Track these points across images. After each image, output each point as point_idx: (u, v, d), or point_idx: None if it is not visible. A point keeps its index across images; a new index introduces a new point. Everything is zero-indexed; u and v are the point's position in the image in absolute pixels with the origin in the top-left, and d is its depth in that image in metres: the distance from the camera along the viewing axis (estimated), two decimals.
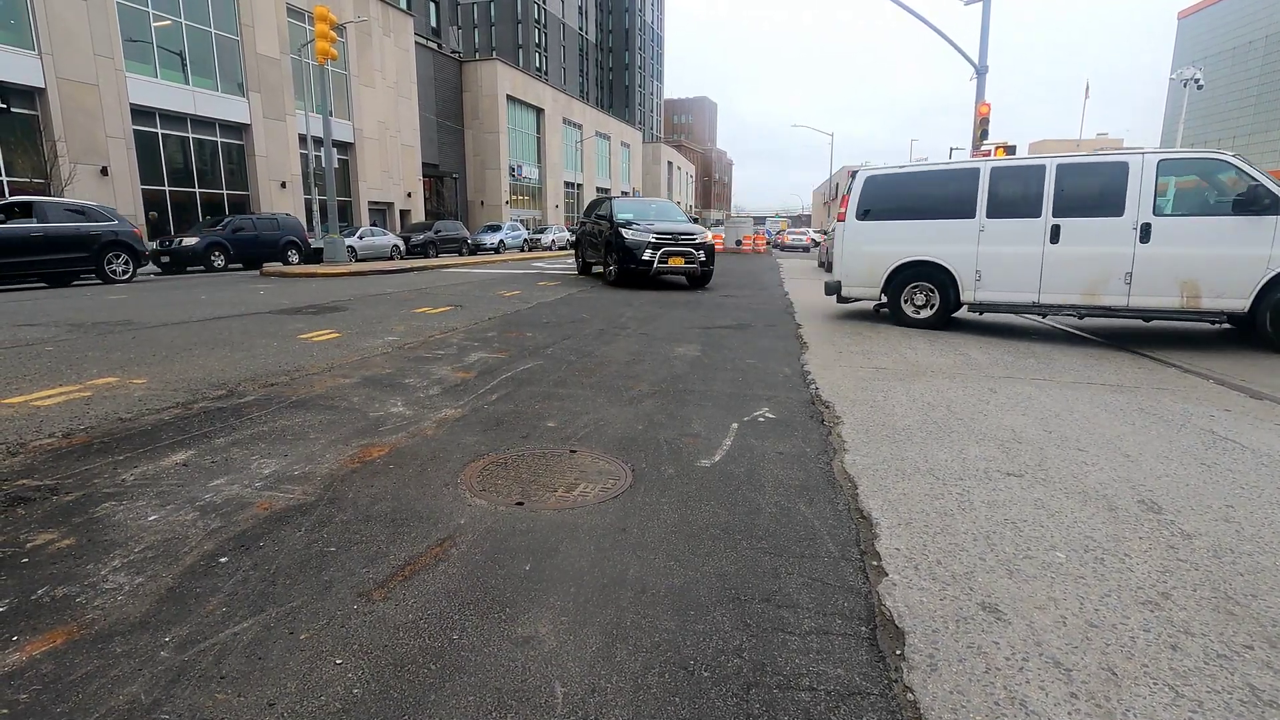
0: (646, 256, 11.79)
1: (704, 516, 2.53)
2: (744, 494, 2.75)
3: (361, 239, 24.59)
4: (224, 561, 2.14)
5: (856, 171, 8.02)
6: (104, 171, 21.41)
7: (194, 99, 24.71)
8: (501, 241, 33.29)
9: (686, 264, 11.91)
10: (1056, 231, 6.61)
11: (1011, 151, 16.66)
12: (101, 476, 2.83)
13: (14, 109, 18.87)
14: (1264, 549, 2.28)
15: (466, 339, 6.48)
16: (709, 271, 12.36)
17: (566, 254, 29.19)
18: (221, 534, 2.33)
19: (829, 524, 2.47)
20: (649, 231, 11.94)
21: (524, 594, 1.98)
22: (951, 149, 34.00)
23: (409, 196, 37.41)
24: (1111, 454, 3.26)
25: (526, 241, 36.30)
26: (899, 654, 1.70)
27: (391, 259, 24.74)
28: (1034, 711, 1.50)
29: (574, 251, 16.94)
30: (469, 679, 1.60)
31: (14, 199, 13.10)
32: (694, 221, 13.88)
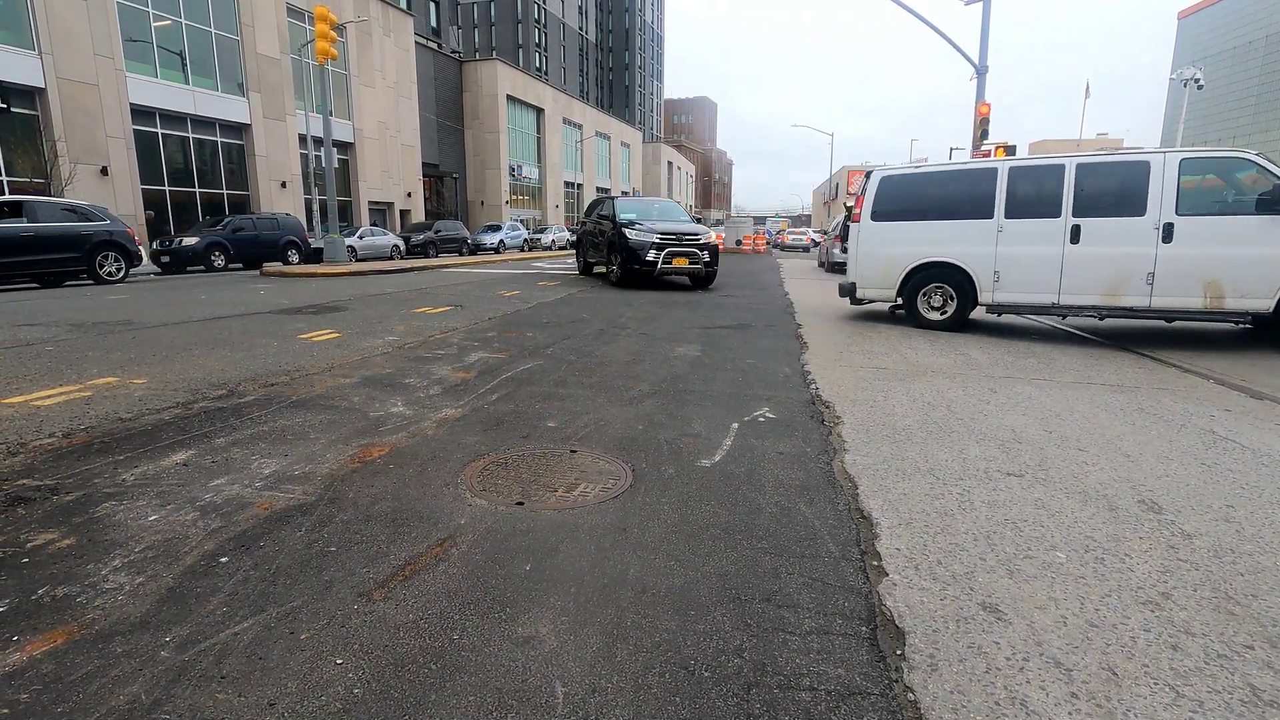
0: (650, 257, 11.64)
1: (704, 516, 2.53)
2: (744, 494, 2.75)
3: (361, 239, 24.61)
4: (224, 561, 2.14)
5: (871, 172, 7.90)
6: (104, 171, 21.41)
7: (194, 99, 24.71)
8: (501, 241, 33.30)
9: (691, 265, 11.78)
10: (1077, 232, 6.55)
11: (1011, 151, 16.66)
12: (102, 476, 2.84)
13: (14, 109, 18.85)
14: (1264, 549, 2.29)
15: (467, 339, 6.49)
16: (713, 272, 12.22)
17: (566, 254, 29.21)
18: (222, 534, 2.33)
19: (829, 524, 2.47)
20: (652, 232, 11.80)
21: (524, 594, 1.98)
22: (951, 149, 34.04)
23: (409, 196, 37.41)
24: (1112, 454, 3.26)
25: (526, 241, 36.31)
26: (899, 654, 1.71)
27: (391, 259, 24.75)
28: (1035, 711, 1.50)
29: (575, 252, 16.87)
30: (469, 679, 1.60)
31: (3, 199, 12.93)
32: (697, 221, 13.79)
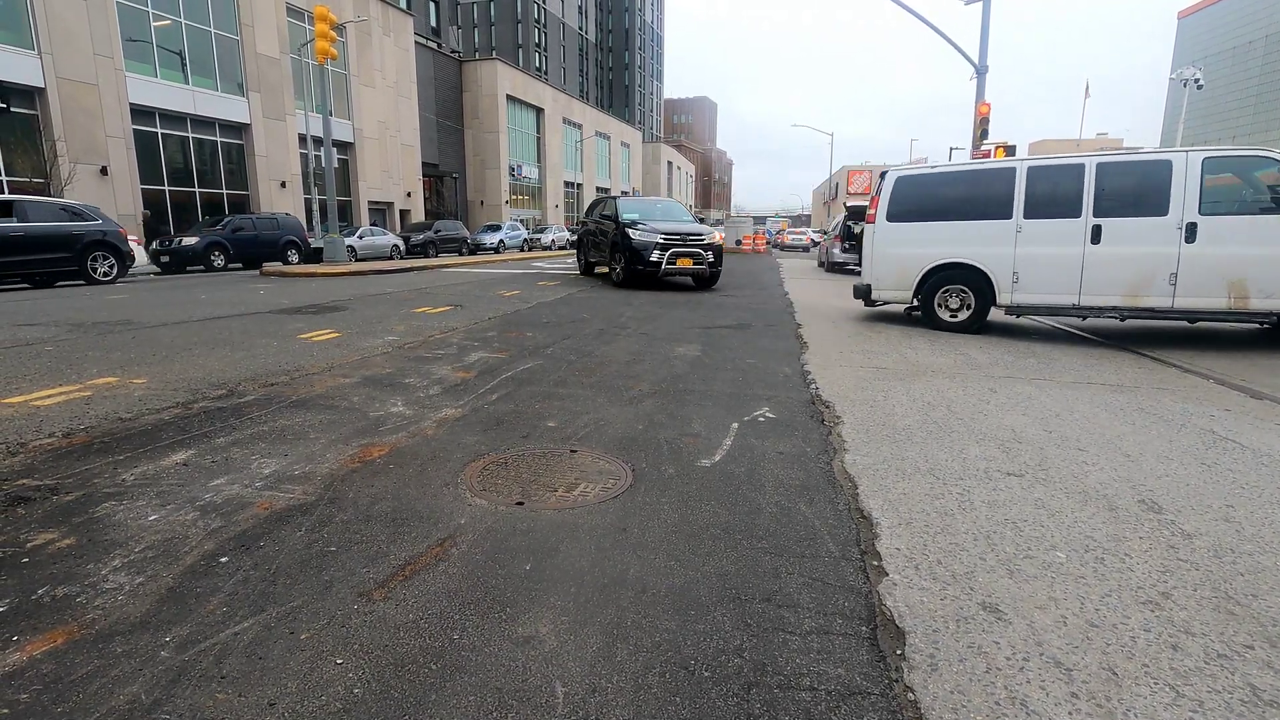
0: (654, 257, 11.54)
1: (704, 516, 2.53)
2: (744, 494, 2.75)
3: (361, 239, 24.61)
4: (224, 561, 2.14)
5: (886, 172, 7.81)
6: (104, 171, 21.41)
7: (194, 99, 24.70)
8: (501, 241, 33.31)
9: (695, 265, 11.69)
10: (1098, 232, 6.49)
11: (1011, 151, 16.66)
12: (102, 476, 2.83)
13: (14, 109, 18.85)
14: (1264, 549, 2.29)
15: (466, 339, 6.48)
16: (717, 272, 12.14)
17: (566, 254, 29.20)
18: (222, 534, 2.33)
19: (829, 524, 2.47)
20: (656, 232, 11.69)
21: (524, 594, 1.98)
22: (951, 149, 34.05)
23: (409, 196, 37.41)
24: (1112, 454, 3.26)
25: (526, 241, 36.31)
26: (899, 654, 1.71)
27: (391, 259, 24.76)
28: (1035, 711, 1.50)
29: (576, 252, 16.82)
30: (469, 679, 1.60)
31: None
32: (699, 221, 13.71)
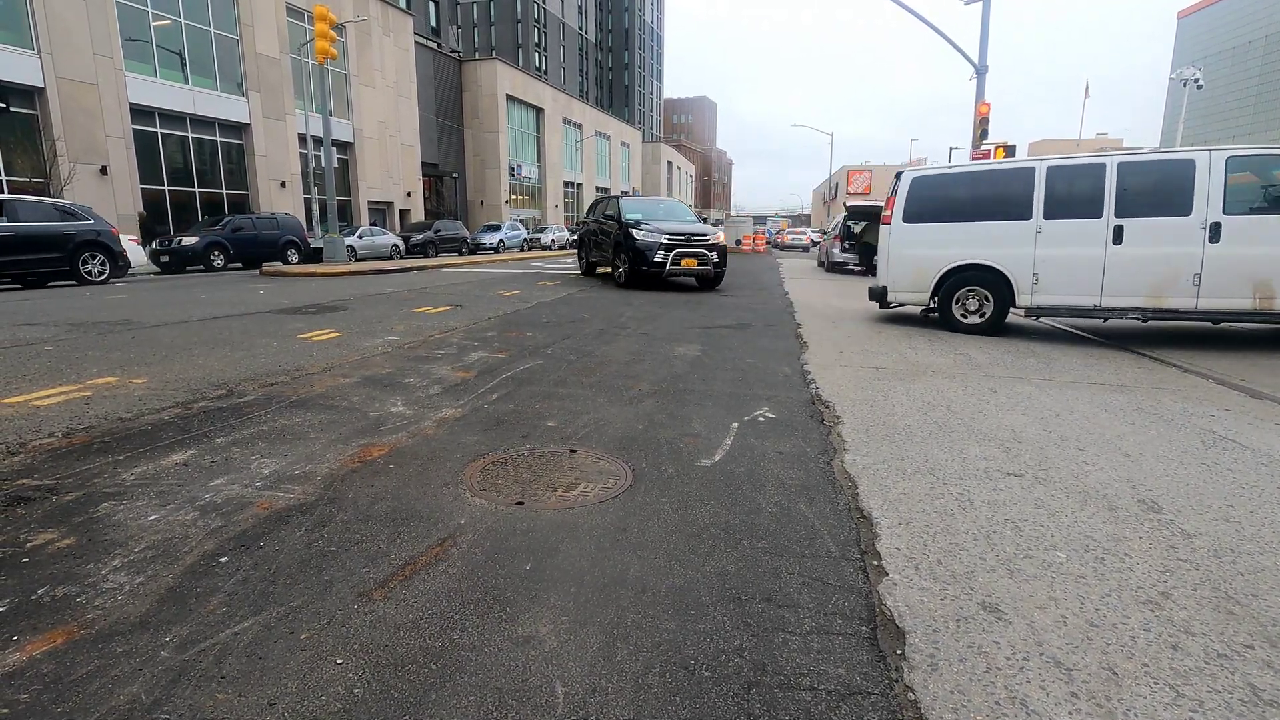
0: (659, 258, 11.41)
1: (704, 516, 2.53)
2: (744, 493, 2.75)
3: (361, 239, 24.61)
4: (224, 561, 2.14)
5: (902, 172, 7.74)
6: (103, 171, 21.41)
7: (193, 98, 24.71)
8: (501, 241, 33.31)
9: (699, 266, 11.57)
10: (1119, 232, 6.42)
11: (1011, 151, 16.66)
12: (101, 476, 2.83)
13: (13, 109, 18.87)
14: (1264, 548, 2.29)
15: (466, 339, 6.48)
16: (721, 273, 12.04)
17: (566, 254, 29.20)
18: (222, 534, 2.33)
19: (829, 523, 2.47)
20: (660, 232, 11.56)
21: (524, 594, 1.98)
22: (951, 149, 34.02)
23: (409, 196, 37.41)
24: (1112, 454, 3.26)
25: (526, 241, 36.31)
26: (900, 653, 1.70)
27: (391, 259, 24.76)
28: (1035, 711, 1.50)
29: (577, 252, 16.75)
30: (469, 679, 1.60)
31: None
32: (702, 221, 13.61)
